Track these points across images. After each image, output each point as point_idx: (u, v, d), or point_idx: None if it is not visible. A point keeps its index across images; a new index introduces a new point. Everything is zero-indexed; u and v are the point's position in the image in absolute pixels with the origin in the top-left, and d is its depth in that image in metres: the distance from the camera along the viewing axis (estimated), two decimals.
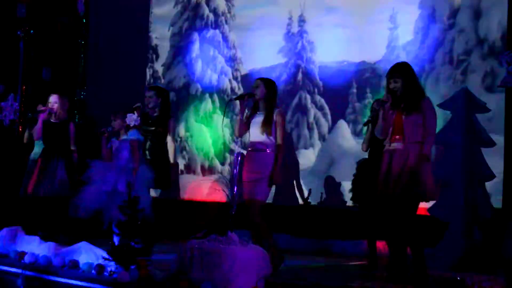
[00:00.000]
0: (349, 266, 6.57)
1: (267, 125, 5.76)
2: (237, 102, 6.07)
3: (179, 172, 9.25)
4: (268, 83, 5.94)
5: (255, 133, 5.83)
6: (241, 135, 6.02)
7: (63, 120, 7.33)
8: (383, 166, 5.18)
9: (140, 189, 6.01)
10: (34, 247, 5.93)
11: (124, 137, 6.29)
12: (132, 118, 6.21)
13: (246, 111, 5.96)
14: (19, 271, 5.53)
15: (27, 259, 5.66)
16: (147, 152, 6.56)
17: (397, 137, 5.17)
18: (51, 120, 7.29)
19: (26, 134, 8.08)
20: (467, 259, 5.74)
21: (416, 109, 5.13)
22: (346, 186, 7.87)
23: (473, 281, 4.17)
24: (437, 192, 5.18)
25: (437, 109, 6.10)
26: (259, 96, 5.85)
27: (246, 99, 5.89)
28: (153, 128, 6.60)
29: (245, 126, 5.94)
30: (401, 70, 5.26)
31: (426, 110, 5.15)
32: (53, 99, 7.37)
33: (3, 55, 9.82)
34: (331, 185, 8.10)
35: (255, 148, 5.83)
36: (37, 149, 7.80)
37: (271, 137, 5.77)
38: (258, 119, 5.84)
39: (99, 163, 6.30)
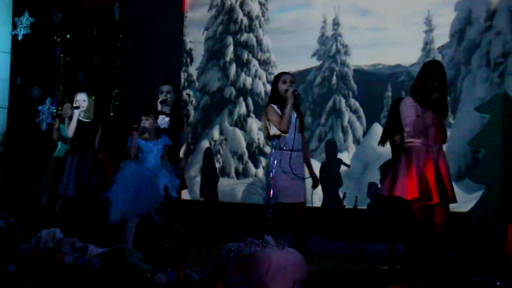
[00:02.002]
0: (384, 270, 6.51)
1: (302, 124, 5.74)
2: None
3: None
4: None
5: (292, 132, 5.65)
6: (288, 131, 5.69)
7: (93, 120, 7.38)
8: (427, 168, 5.11)
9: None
10: (72, 248, 6.00)
11: (159, 141, 6.33)
12: (164, 120, 6.26)
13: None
14: (58, 272, 5.60)
15: (65, 260, 5.72)
16: None
17: (435, 137, 5.12)
18: (81, 119, 7.32)
19: (55, 132, 8.17)
20: (507, 264, 5.67)
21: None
22: None
23: None
24: None
25: (474, 112, 6.07)
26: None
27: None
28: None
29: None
30: (443, 71, 5.19)
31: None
32: (81, 97, 7.39)
33: (40, 60, 9.97)
34: (366, 188, 8.06)
35: (296, 148, 5.64)
36: (61, 147, 7.87)
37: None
38: (292, 119, 5.69)
39: (132, 164, 6.33)
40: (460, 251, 5.94)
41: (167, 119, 6.37)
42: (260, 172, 9.08)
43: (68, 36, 9.95)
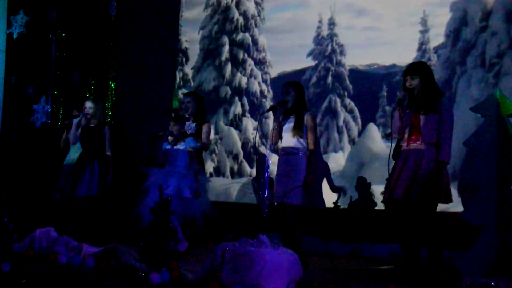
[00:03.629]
0: (379, 270, 6.52)
1: (298, 129, 5.79)
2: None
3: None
4: (298, 87, 5.97)
5: (287, 137, 5.85)
6: (276, 142, 6.01)
7: (98, 124, 7.45)
8: (398, 167, 5.16)
9: (202, 194, 6.48)
10: (67, 247, 5.99)
11: (181, 143, 6.47)
12: (191, 127, 6.46)
13: (280, 118, 5.95)
14: (52, 271, 5.59)
15: (60, 259, 5.71)
16: None
17: (414, 137, 5.15)
18: (90, 125, 7.44)
19: (62, 139, 8.28)
20: (501, 264, 5.66)
21: (433, 109, 5.09)
22: (376, 189, 7.84)
23: (508, 286, 4.11)
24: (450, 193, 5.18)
25: (469, 112, 6.06)
26: (292, 102, 5.87)
27: (279, 109, 5.88)
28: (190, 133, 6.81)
29: (279, 134, 5.94)
30: (418, 68, 5.24)
31: (443, 111, 5.11)
32: (87, 105, 7.53)
33: (35, 59, 9.94)
34: (361, 188, 8.05)
35: (287, 151, 5.85)
36: (72, 153, 7.96)
37: (302, 140, 5.78)
38: (290, 123, 5.86)
39: (158, 170, 6.47)
40: (454, 251, 5.93)
41: (194, 125, 6.59)
42: (255, 172, 9.07)
43: (64, 34, 9.93)
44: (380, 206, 7.57)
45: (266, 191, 5.23)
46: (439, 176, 5.08)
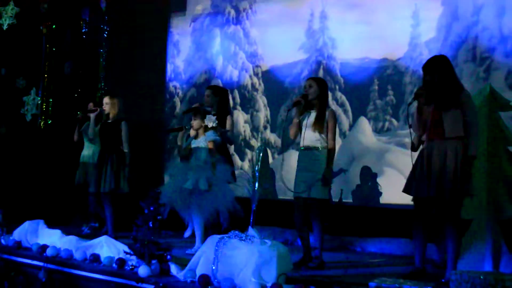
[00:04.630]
0: (370, 263, 6.54)
1: (319, 124, 5.86)
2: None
3: None
4: (321, 83, 6.06)
5: (308, 133, 5.90)
6: (296, 137, 6.07)
7: (115, 120, 7.45)
8: (423, 163, 5.13)
9: (222, 186, 6.43)
10: (56, 240, 5.98)
11: (202, 137, 6.49)
12: (211, 120, 6.54)
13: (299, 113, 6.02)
14: (41, 264, 5.57)
15: (48, 252, 5.70)
16: None
17: (436, 132, 5.12)
18: (107, 121, 7.46)
19: (76, 133, 8.36)
20: (490, 257, 5.70)
21: (454, 104, 5.07)
22: (367, 182, 7.86)
23: (497, 279, 4.12)
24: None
25: None
26: (313, 96, 5.92)
27: (302, 103, 5.92)
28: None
29: (299, 128, 6.00)
30: (437, 63, 5.22)
31: (465, 105, 5.08)
32: (104, 100, 7.56)
33: (26, 50, 9.90)
34: (352, 182, 8.06)
35: (308, 146, 5.90)
36: (86, 151, 8.05)
37: (323, 135, 5.87)
38: (310, 118, 5.92)
39: (180, 163, 6.67)
40: (444, 244, 5.95)
41: (213, 118, 6.65)
42: (246, 164, 9.07)
43: (54, 26, 9.88)
44: (386, 199, 7.60)
45: (257, 185, 5.24)
46: (469, 170, 5.04)
